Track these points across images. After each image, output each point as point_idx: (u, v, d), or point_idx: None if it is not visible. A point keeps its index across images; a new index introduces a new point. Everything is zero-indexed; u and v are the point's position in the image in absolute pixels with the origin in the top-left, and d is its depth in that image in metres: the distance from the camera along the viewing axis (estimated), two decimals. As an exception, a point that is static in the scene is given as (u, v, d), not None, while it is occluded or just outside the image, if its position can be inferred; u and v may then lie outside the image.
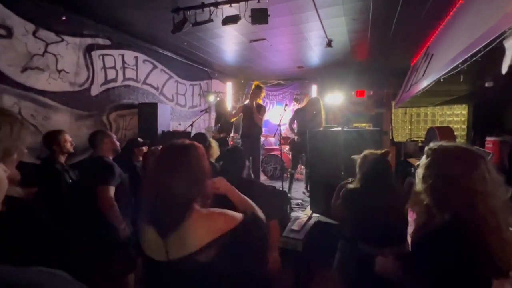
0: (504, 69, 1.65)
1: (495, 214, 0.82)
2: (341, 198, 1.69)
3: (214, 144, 2.56)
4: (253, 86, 3.98)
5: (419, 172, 0.98)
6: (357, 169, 1.69)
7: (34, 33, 3.05)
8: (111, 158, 2.09)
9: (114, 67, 4.09)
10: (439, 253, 0.85)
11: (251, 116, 3.91)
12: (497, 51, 1.69)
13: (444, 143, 0.99)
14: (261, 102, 4.10)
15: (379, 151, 1.67)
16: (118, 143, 2.17)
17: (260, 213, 1.23)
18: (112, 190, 1.86)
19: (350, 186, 1.69)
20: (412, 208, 1.03)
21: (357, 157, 1.71)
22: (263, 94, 4.01)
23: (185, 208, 0.98)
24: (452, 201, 0.87)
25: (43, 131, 2.76)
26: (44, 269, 0.43)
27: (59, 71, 3.33)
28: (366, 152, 1.69)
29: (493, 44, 1.66)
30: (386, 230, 1.48)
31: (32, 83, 3.05)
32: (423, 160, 0.99)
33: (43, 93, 3.15)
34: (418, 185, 0.97)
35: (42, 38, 3.14)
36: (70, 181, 2.20)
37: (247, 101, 4.09)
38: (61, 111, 3.37)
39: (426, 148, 1.00)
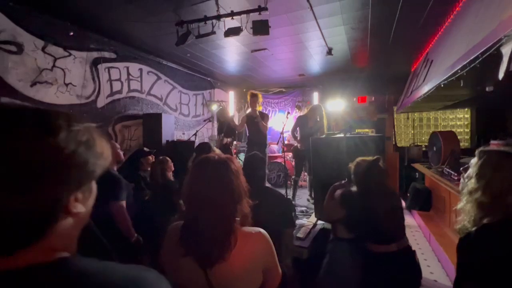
0: (501, 75, 1.68)
1: None
2: (339, 199, 1.78)
3: (219, 153, 2.59)
4: (248, 97, 4.06)
5: (472, 171, 1.02)
6: (352, 176, 1.81)
7: (43, 49, 3.17)
8: (115, 169, 2.12)
9: (119, 79, 4.20)
10: (497, 248, 0.89)
11: (256, 125, 3.97)
12: (495, 57, 1.72)
13: (499, 148, 1.07)
14: (261, 108, 4.17)
15: (370, 158, 1.78)
16: (122, 153, 2.19)
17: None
18: (123, 203, 1.91)
19: (348, 189, 1.80)
20: (460, 209, 1.06)
21: (351, 165, 1.83)
22: (260, 100, 4.06)
23: (230, 233, 0.87)
24: (509, 196, 0.92)
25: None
26: (141, 266, 0.46)
27: (67, 85, 3.43)
28: (359, 159, 1.81)
29: (491, 51, 1.70)
30: (389, 227, 1.60)
31: (41, 96, 3.15)
32: (475, 160, 1.03)
33: (52, 106, 3.24)
34: (472, 183, 1.01)
35: (51, 53, 3.25)
36: None
37: (249, 110, 4.15)
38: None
39: (477, 151, 1.05)
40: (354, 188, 1.78)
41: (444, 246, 2.98)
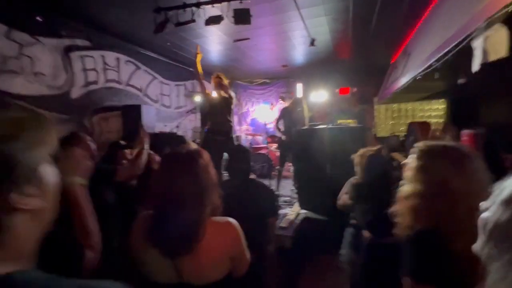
0: (475, 67, 1.75)
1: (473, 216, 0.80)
2: (348, 192, 1.82)
3: (190, 146, 2.56)
4: (212, 81, 3.54)
5: (408, 175, 0.95)
6: (356, 167, 1.79)
7: (6, 35, 2.92)
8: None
9: (94, 69, 3.98)
10: (420, 259, 0.85)
11: (222, 111, 3.45)
12: (467, 50, 1.80)
13: (432, 142, 0.97)
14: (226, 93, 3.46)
15: (374, 148, 1.78)
16: (94, 147, 2.04)
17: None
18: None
19: (355, 180, 1.82)
20: (394, 208, 0.99)
21: (355, 156, 1.81)
22: (225, 81, 3.48)
23: (198, 226, 0.88)
24: (437, 206, 0.85)
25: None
26: (103, 283, 0.43)
27: (36, 74, 3.20)
28: (362, 150, 1.79)
29: (462, 44, 1.77)
30: (391, 218, 1.58)
31: (7, 87, 2.92)
32: (412, 161, 0.96)
33: (18, 97, 3.02)
34: (406, 187, 0.95)
35: (16, 39, 3.01)
36: None
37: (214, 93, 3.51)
38: (37, 112, 3.25)
39: (415, 148, 0.97)
40: (355, 180, 1.80)
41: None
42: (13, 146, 0.38)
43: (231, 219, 0.98)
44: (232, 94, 3.57)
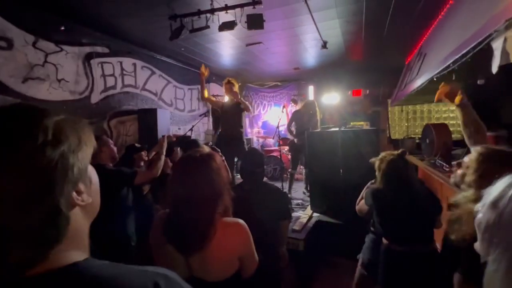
0: (494, 69, 1.71)
1: None
2: (364, 197, 1.74)
3: (207, 149, 2.61)
4: (224, 85, 3.63)
5: (468, 180, 0.93)
6: (377, 171, 1.70)
7: (34, 44, 3.10)
8: (111, 165, 2.10)
9: (113, 74, 4.14)
10: (473, 263, 0.82)
11: (232, 115, 3.52)
12: (486, 51, 1.75)
13: (491, 147, 0.96)
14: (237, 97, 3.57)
15: (396, 152, 1.67)
16: (115, 149, 2.15)
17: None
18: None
19: (373, 186, 1.72)
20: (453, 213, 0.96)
21: (375, 160, 1.72)
22: (236, 86, 3.61)
23: (210, 225, 0.93)
24: None
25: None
26: (159, 269, 0.46)
27: (59, 80, 3.37)
28: (383, 153, 1.70)
29: (481, 45, 1.73)
30: (410, 227, 1.52)
31: (33, 93, 3.10)
32: (471, 165, 0.93)
33: (44, 102, 3.19)
34: (465, 193, 0.91)
35: (42, 48, 3.19)
36: None
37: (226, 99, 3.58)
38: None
39: (476, 153, 0.94)
40: (374, 185, 1.71)
41: (436, 235, 3.06)
42: (64, 150, 0.40)
43: (241, 221, 1.02)
44: (247, 103, 3.62)
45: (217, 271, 0.96)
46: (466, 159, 1.12)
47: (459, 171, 1.08)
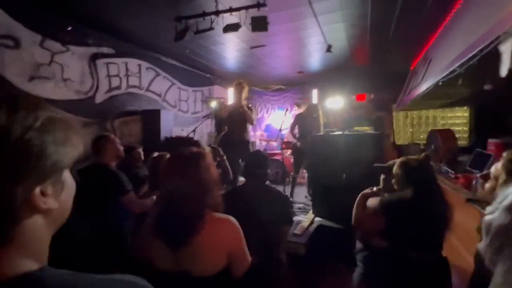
0: (503, 72, 1.68)
1: None
2: (380, 209, 1.48)
3: (208, 149, 2.60)
4: (233, 87, 3.58)
5: (499, 174, 0.99)
6: (397, 178, 1.51)
7: (41, 44, 3.15)
8: (114, 165, 2.08)
9: (118, 75, 4.18)
10: None
11: (240, 118, 3.46)
12: (493, 55, 1.72)
13: None
14: (245, 103, 3.54)
15: (419, 156, 1.53)
16: (122, 148, 2.13)
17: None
18: (132, 194, 1.92)
19: (395, 196, 1.48)
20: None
21: (391, 164, 1.55)
22: (246, 89, 3.56)
23: (197, 221, 0.95)
24: None
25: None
26: (125, 277, 0.43)
27: (65, 80, 3.41)
28: (403, 158, 1.52)
29: (488, 49, 1.70)
30: (434, 236, 1.44)
31: (39, 92, 3.13)
32: (501, 171, 0.99)
33: (49, 101, 3.22)
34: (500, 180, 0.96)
35: (49, 48, 3.23)
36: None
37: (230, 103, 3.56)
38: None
39: (502, 160, 1.00)
40: (397, 194, 1.49)
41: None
42: (45, 139, 0.38)
43: (231, 217, 1.04)
44: (252, 116, 3.57)
45: (204, 265, 0.96)
46: (492, 169, 1.09)
47: (487, 185, 1.05)
